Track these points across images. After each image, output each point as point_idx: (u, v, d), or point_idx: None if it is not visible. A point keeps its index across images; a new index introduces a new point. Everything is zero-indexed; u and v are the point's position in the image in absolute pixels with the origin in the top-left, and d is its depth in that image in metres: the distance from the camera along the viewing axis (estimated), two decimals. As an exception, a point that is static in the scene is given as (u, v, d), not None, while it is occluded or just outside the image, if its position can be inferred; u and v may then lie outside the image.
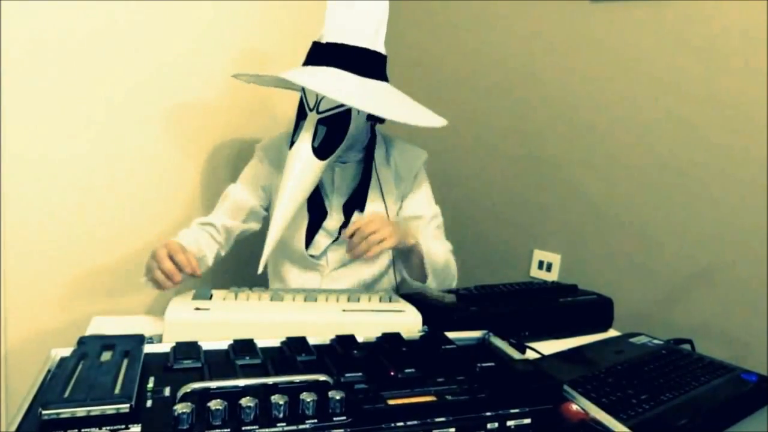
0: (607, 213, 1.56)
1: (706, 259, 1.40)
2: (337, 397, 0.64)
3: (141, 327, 0.92)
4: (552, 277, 1.65)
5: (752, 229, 1.33)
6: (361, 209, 1.29)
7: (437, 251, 1.24)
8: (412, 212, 1.34)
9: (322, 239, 1.31)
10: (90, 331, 1.01)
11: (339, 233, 1.29)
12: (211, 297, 0.99)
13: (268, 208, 1.37)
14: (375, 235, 1.07)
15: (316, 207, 1.29)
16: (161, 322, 0.89)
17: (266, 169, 1.34)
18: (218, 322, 0.92)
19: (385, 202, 1.30)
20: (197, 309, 0.93)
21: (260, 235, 1.23)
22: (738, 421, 0.85)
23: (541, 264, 1.68)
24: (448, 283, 1.29)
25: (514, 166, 1.72)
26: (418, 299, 1.11)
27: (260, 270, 1.12)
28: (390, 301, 1.05)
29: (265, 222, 1.36)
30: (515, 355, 0.85)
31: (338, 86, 1.13)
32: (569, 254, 1.64)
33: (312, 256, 1.30)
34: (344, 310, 0.99)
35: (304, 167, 1.15)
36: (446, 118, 1.23)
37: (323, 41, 1.17)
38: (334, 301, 1.03)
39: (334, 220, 1.30)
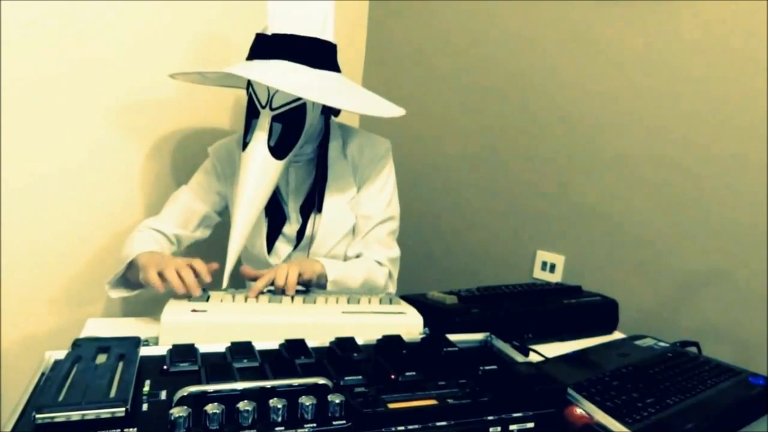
0: (611, 214, 1.55)
1: (712, 261, 1.39)
2: (337, 401, 0.63)
3: (137, 329, 0.92)
4: (555, 278, 1.64)
5: (759, 231, 1.32)
6: (319, 210, 1.23)
7: (353, 275, 1.16)
8: (363, 210, 1.26)
9: (282, 245, 1.27)
10: (85, 333, 1.00)
11: (297, 240, 1.26)
12: (208, 299, 0.98)
13: (222, 213, 1.32)
14: (289, 279, 1.03)
15: (273, 212, 1.24)
16: (157, 324, 0.88)
17: (219, 173, 1.29)
18: (215, 324, 0.90)
19: (343, 199, 1.24)
20: (194, 311, 0.92)
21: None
22: (746, 424, 0.84)
23: (544, 265, 1.67)
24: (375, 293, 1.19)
25: (518, 167, 1.71)
26: (418, 301, 1.09)
27: (225, 285, 1.08)
28: (390, 303, 1.04)
29: (218, 228, 1.33)
30: (518, 357, 0.84)
31: (291, 79, 1.07)
32: (573, 255, 1.62)
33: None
34: (344, 312, 0.98)
35: (261, 169, 1.10)
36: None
37: (268, 33, 1.11)
38: (333, 303, 1.02)
39: (293, 224, 1.26)
